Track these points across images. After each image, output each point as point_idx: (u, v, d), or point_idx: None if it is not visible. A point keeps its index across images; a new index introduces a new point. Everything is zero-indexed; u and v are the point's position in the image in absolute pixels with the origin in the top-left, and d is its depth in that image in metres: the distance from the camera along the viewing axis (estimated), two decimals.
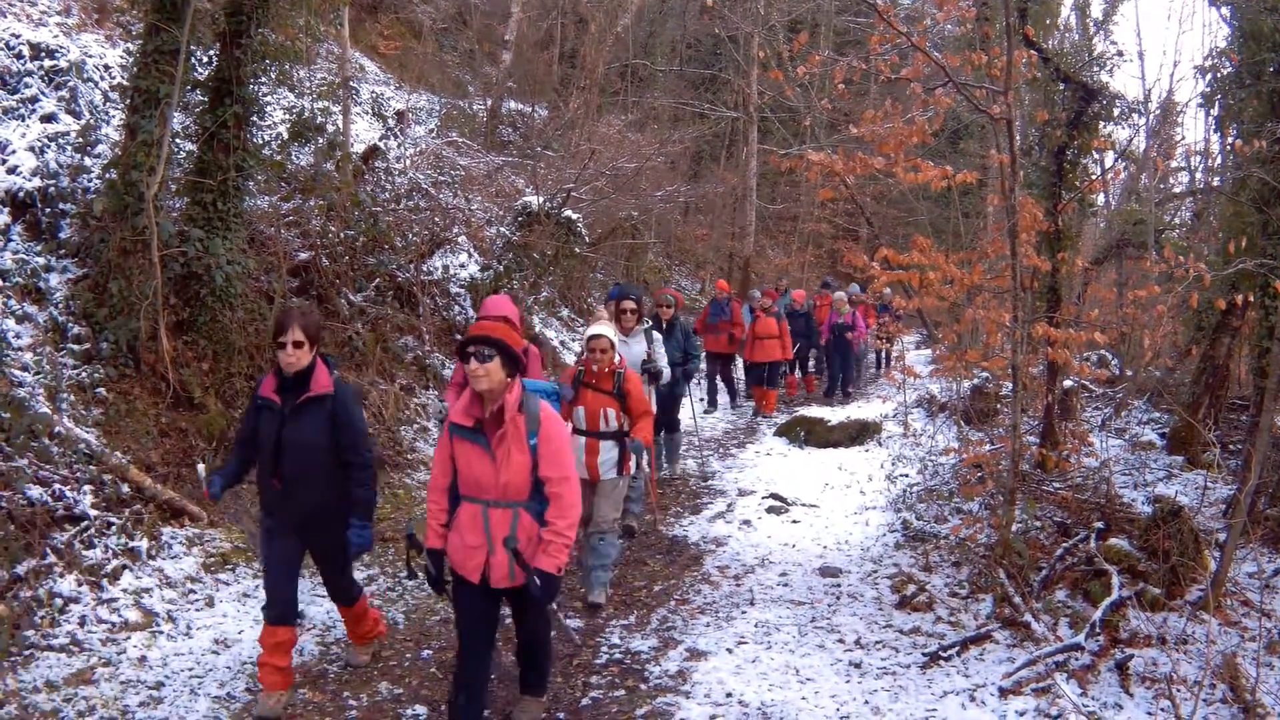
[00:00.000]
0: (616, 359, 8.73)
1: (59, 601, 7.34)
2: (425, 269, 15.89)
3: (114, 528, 8.23)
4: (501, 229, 19.16)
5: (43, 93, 11.39)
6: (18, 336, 9.06)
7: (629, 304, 11.08)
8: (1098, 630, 7.10)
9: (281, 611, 6.47)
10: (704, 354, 18.61)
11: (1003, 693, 6.66)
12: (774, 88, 29.15)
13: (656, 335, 11.44)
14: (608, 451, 8.53)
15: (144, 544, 8.30)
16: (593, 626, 8.14)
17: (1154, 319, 10.93)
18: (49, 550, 7.60)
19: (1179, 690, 6.26)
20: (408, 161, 17.66)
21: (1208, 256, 11.83)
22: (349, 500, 6.48)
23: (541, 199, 19.44)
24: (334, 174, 13.97)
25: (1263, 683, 6.31)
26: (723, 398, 20.31)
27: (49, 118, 11.13)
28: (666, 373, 11.26)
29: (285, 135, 12.92)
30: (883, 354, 27.92)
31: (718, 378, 19.84)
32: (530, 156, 22.52)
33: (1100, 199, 21.76)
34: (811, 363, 25.21)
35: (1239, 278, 9.90)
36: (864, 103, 24.26)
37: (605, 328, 8.82)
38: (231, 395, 10.53)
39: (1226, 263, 9.80)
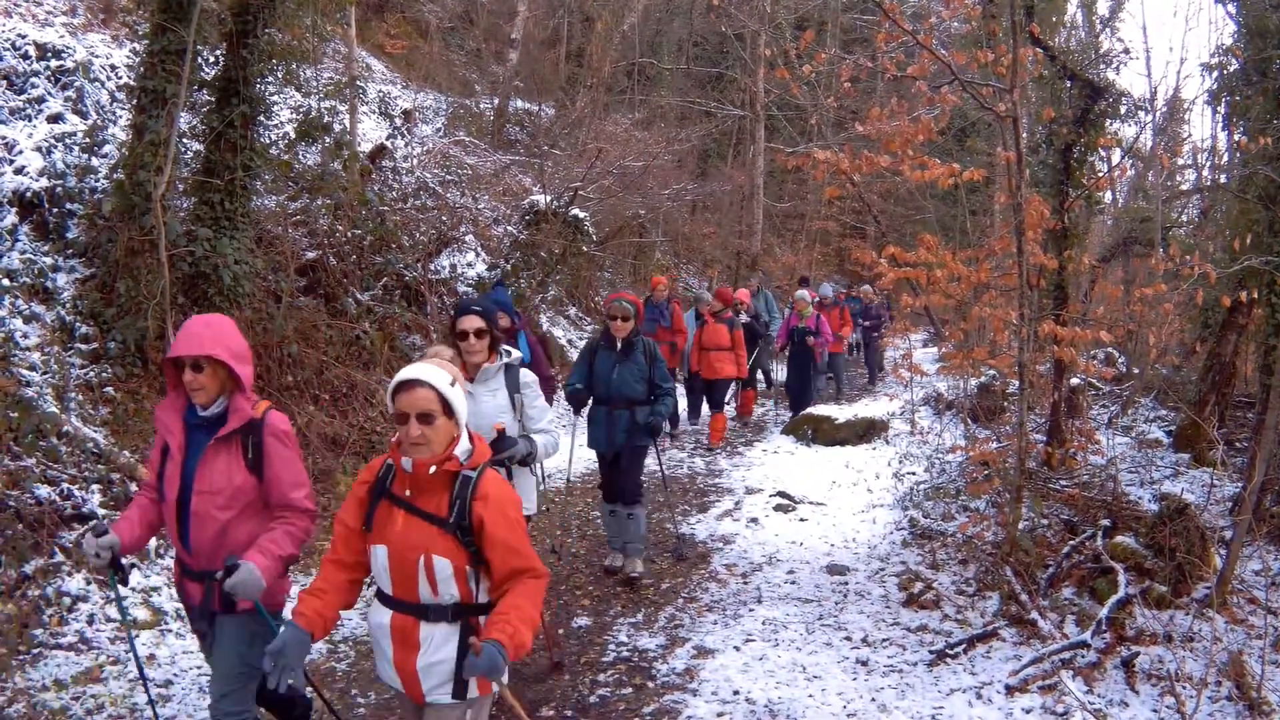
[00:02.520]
0: (461, 437, 4.26)
1: (67, 600, 7.35)
2: (432, 268, 15.92)
3: None
4: (509, 228, 19.18)
5: (49, 93, 11.42)
6: (25, 336, 9.08)
7: (472, 323, 6.77)
8: (1104, 628, 7.11)
9: None
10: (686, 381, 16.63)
11: (1009, 690, 6.67)
12: (781, 86, 29.10)
13: (528, 377, 7.02)
14: (437, 648, 4.17)
15: (152, 543, 8.30)
16: (600, 624, 8.15)
17: (1160, 316, 10.92)
18: (57, 549, 7.62)
19: (1184, 688, 6.26)
20: (415, 160, 17.69)
21: (1214, 254, 11.84)
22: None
23: (549, 198, 19.46)
24: (341, 173, 13.98)
25: (1268, 680, 6.32)
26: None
27: (56, 118, 11.16)
28: (545, 446, 6.85)
29: (292, 135, 12.92)
30: (862, 352, 25.15)
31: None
32: (537, 155, 22.53)
33: (1107, 196, 21.74)
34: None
35: (1245, 275, 9.89)
36: (870, 101, 24.20)
37: (429, 370, 4.20)
38: None
39: (1233, 260, 9.80)
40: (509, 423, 6.69)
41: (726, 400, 16.99)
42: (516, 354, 7.18)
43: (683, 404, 17.11)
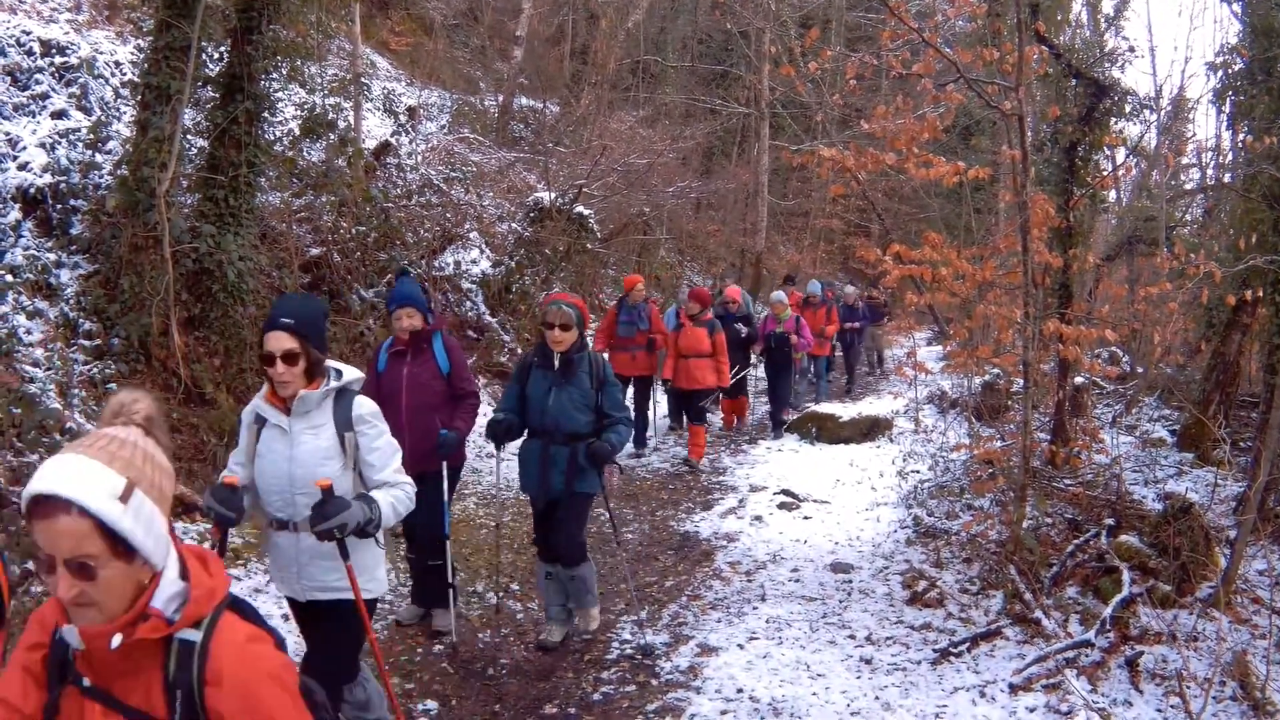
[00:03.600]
0: (165, 572, 2.46)
1: None
2: (437, 265, 15.92)
3: None
4: (513, 225, 19.18)
5: (53, 89, 11.43)
6: (29, 333, 9.09)
7: (279, 342, 4.77)
8: (1108, 627, 7.10)
9: None
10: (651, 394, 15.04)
11: (1013, 689, 6.66)
12: (785, 83, 29.00)
13: (366, 408, 5.01)
14: None
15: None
16: (604, 622, 8.13)
17: (1165, 315, 10.92)
18: None
19: (1189, 687, 6.25)
20: (419, 157, 17.71)
21: (1219, 253, 11.80)
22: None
23: (553, 195, 19.45)
24: (345, 170, 14.00)
25: (1272, 680, 6.31)
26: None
27: (60, 114, 11.17)
28: (393, 507, 4.90)
29: (297, 131, 12.94)
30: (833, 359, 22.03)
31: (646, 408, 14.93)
32: (542, 152, 22.52)
33: (1111, 195, 21.70)
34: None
35: (1250, 274, 9.88)
36: (875, 98, 24.19)
37: (78, 476, 2.29)
38: (243, 391, 10.54)
39: (1238, 259, 9.79)
40: (336, 475, 4.83)
41: (709, 409, 15.25)
42: (352, 374, 5.10)
43: (663, 408, 16.23)
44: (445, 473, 7.57)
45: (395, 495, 4.88)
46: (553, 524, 7.34)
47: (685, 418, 14.87)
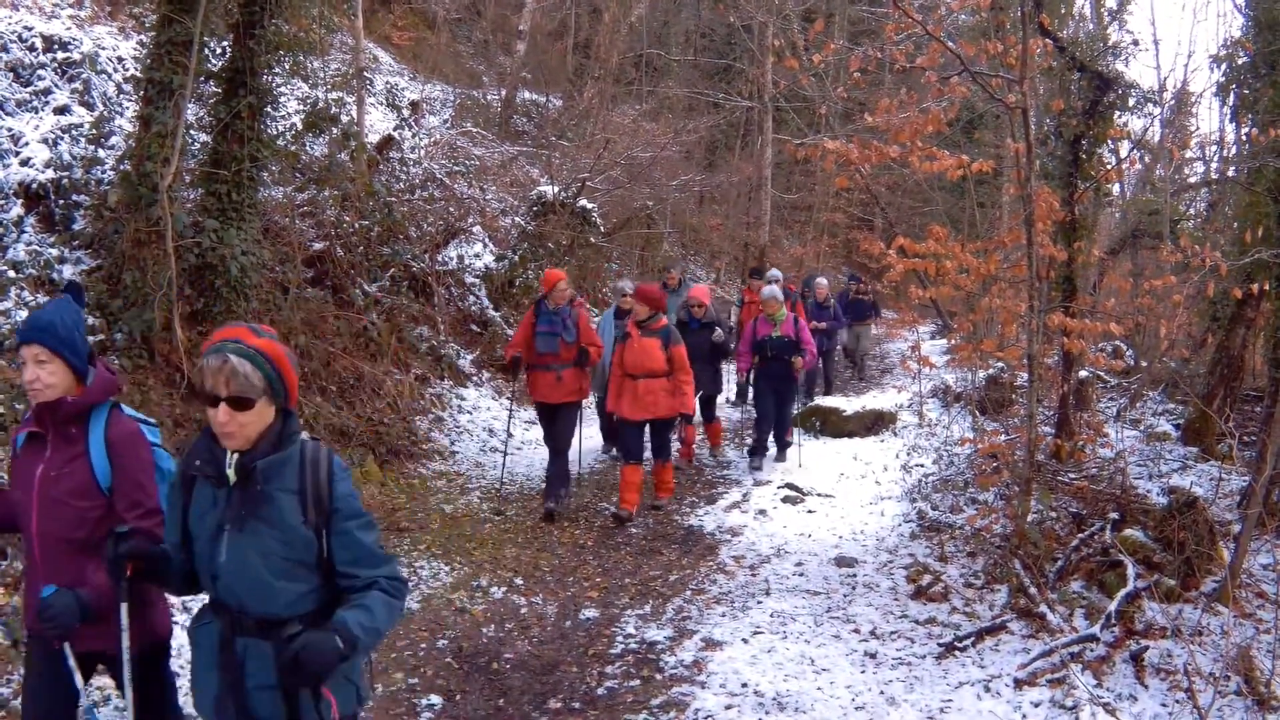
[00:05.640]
0: None
1: None
2: (440, 259, 15.93)
3: None
4: (516, 219, 19.18)
5: (56, 85, 11.41)
6: None
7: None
8: (1113, 621, 7.09)
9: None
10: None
11: (1018, 683, 6.66)
12: (789, 77, 28.97)
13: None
14: None
15: None
16: (608, 616, 8.15)
17: (1169, 309, 10.88)
18: None
19: (1194, 681, 6.24)
20: (422, 152, 17.68)
21: (1223, 246, 11.77)
22: None
23: (556, 189, 19.44)
24: (348, 164, 13.98)
25: (1277, 674, 6.29)
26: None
27: (62, 110, 11.16)
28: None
29: (299, 126, 12.92)
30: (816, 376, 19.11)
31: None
32: (545, 146, 22.54)
33: (1115, 189, 21.68)
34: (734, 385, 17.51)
35: (1254, 268, 9.88)
36: (879, 92, 24.16)
37: None
38: None
39: (1242, 252, 9.78)
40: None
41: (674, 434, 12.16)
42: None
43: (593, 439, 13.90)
44: (125, 659, 4.00)
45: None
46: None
47: (623, 450, 11.41)
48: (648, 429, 11.21)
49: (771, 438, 13.83)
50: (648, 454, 11.55)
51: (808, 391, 17.39)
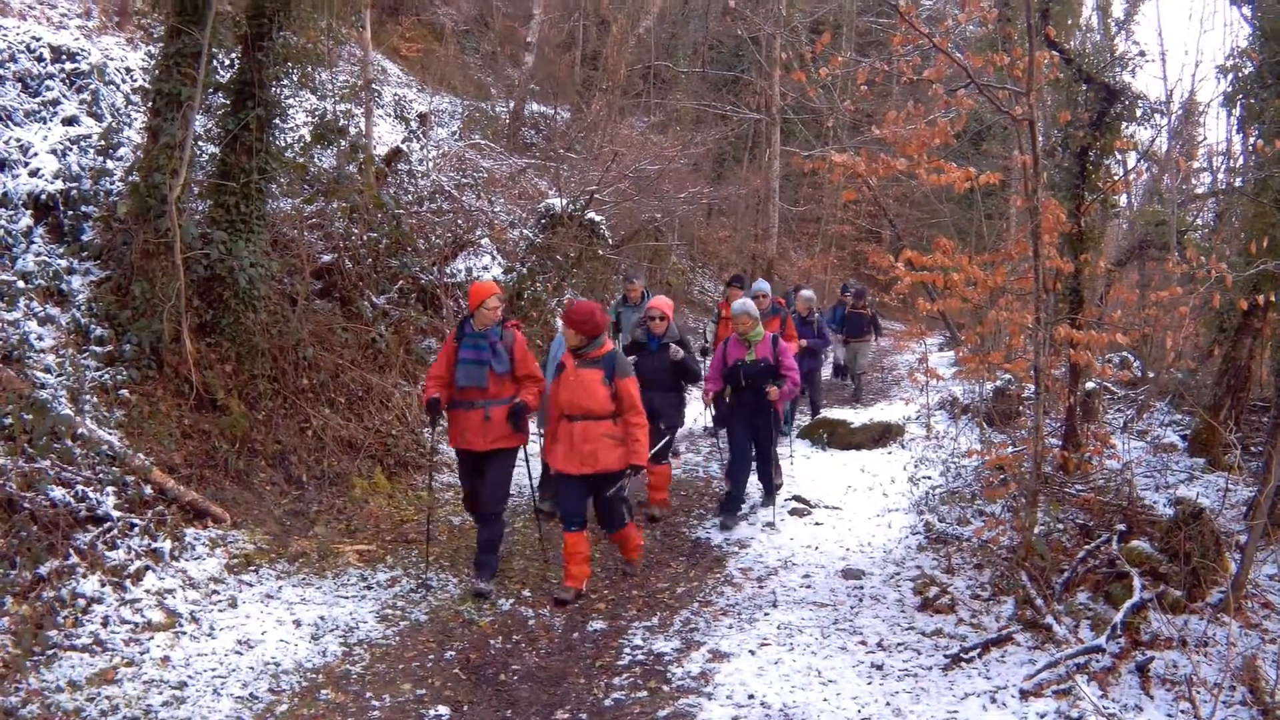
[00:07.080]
0: None
1: (82, 602, 7.37)
2: (448, 271, 15.92)
3: (137, 529, 8.26)
4: (524, 231, 19.18)
5: (64, 95, 11.47)
6: (40, 339, 9.12)
7: None
8: (1119, 632, 7.08)
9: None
10: None
11: (1024, 694, 6.65)
12: (796, 89, 29.13)
13: None
14: None
15: (167, 545, 8.32)
16: (616, 628, 8.15)
17: (1176, 320, 10.88)
18: (72, 551, 7.64)
19: (1199, 692, 6.24)
20: (430, 164, 17.70)
21: (1230, 257, 11.77)
22: None
23: (564, 201, 19.45)
24: (357, 176, 14.01)
25: None
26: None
27: (70, 120, 11.21)
28: None
29: (308, 138, 12.94)
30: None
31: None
32: (553, 158, 22.56)
33: (1122, 200, 21.70)
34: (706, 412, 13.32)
35: (1261, 279, 9.88)
36: (886, 104, 24.18)
37: None
38: (254, 397, 10.57)
39: (1248, 264, 9.78)
40: None
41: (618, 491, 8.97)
42: None
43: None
44: None
45: None
46: None
47: (561, 512, 9.03)
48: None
49: (756, 477, 11.58)
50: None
51: (787, 420, 15.17)
